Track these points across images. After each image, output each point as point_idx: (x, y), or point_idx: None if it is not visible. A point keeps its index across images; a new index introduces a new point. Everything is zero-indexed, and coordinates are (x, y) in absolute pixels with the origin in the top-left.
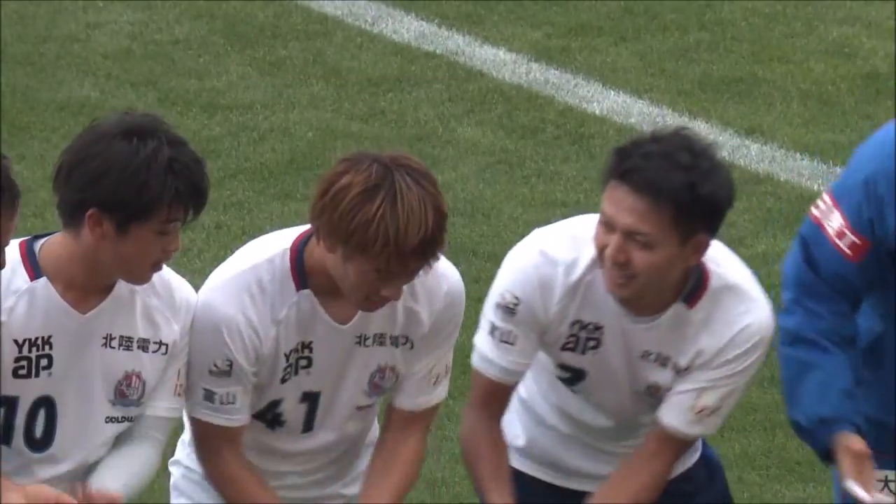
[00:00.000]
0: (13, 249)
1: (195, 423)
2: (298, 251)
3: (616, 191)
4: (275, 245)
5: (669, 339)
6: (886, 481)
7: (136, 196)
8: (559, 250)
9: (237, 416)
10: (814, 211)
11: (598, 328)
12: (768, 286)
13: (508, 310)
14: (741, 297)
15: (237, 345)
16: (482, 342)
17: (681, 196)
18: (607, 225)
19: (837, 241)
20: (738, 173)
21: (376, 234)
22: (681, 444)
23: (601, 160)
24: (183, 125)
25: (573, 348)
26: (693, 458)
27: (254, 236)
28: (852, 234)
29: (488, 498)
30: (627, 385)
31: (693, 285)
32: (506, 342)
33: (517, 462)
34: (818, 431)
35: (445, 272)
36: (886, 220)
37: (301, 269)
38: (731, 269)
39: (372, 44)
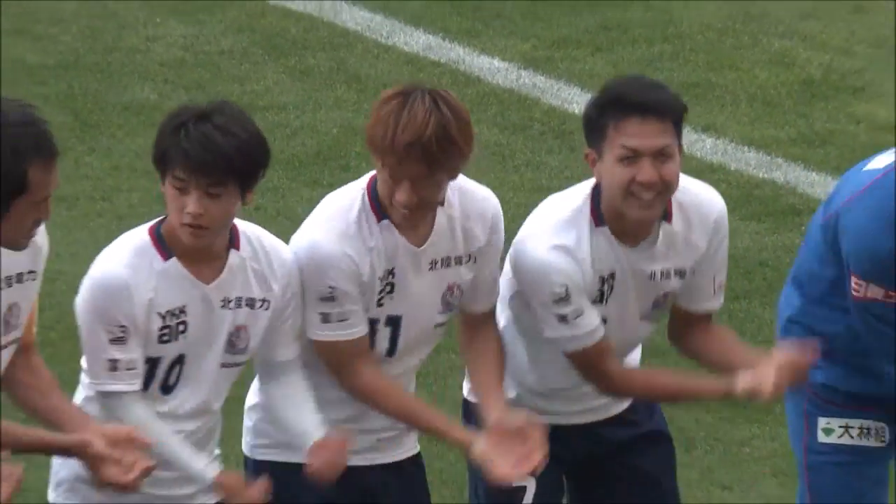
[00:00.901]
0: (143, 234)
1: (321, 346)
2: (372, 189)
3: (633, 125)
4: (354, 188)
5: (667, 256)
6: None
7: (155, 150)
8: (562, 237)
9: (355, 328)
10: (856, 294)
11: (612, 275)
12: None
13: (563, 297)
14: (694, 193)
15: (339, 275)
16: (563, 331)
17: (675, 107)
18: (629, 158)
19: (888, 300)
20: (695, 163)
21: (380, 130)
22: (712, 317)
23: (580, 153)
24: None
25: (599, 300)
26: None
27: (287, 217)
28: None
29: (712, 392)
30: (639, 311)
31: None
32: (578, 317)
33: None
34: None
35: (489, 197)
36: None
37: (377, 203)
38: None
39: (387, 54)
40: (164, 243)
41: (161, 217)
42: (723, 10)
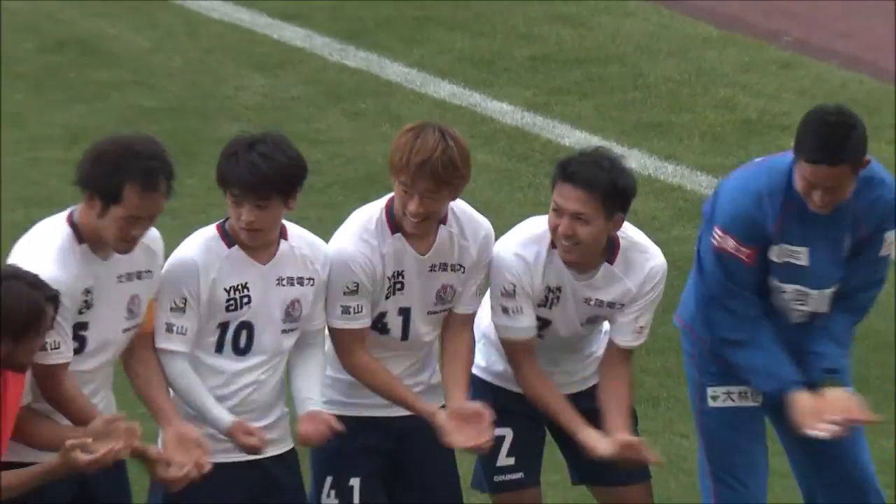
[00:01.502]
0: (212, 229)
1: (336, 332)
2: (390, 208)
3: (563, 188)
4: (375, 206)
5: (603, 288)
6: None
7: (216, 173)
8: (525, 249)
9: (365, 319)
10: (714, 243)
11: (559, 289)
12: (676, 257)
13: (510, 293)
14: (642, 249)
15: (361, 271)
16: (503, 320)
17: (606, 188)
18: (557, 211)
19: (736, 254)
20: (659, 185)
21: (398, 154)
22: (631, 354)
23: None
24: None
25: (544, 304)
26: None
27: None
28: (744, 248)
29: (570, 425)
30: (577, 322)
31: (611, 248)
32: (517, 313)
33: (498, 381)
34: (779, 395)
35: (484, 223)
36: (765, 232)
37: (392, 220)
38: (631, 233)
39: (420, 100)
40: (228, 235)
41: (227, 216)
42: (680, 66)
